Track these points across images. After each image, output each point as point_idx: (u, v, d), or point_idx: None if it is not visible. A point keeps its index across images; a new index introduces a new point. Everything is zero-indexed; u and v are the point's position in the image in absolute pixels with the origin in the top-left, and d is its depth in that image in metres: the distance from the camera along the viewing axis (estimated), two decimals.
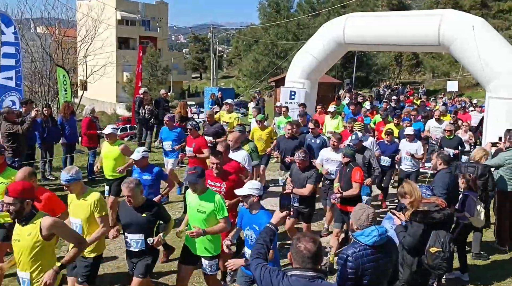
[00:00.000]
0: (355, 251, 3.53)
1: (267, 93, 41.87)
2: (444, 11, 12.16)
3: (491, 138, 9.94)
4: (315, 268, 2.93)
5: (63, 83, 12.63)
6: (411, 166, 8.74)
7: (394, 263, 3.81)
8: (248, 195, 4.39)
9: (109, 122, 39.74)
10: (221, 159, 5.61)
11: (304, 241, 2.96)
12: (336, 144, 7.33)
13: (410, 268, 4.48)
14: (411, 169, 8.74)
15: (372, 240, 3.53)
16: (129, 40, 57.35)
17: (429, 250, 4.33)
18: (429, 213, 4.36)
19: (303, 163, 6.29)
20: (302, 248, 2.94)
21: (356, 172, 6.24)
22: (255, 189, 4.42)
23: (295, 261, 2.98)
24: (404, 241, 4.42)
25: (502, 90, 10.37)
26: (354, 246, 3.61)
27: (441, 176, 5.83)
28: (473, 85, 33.60)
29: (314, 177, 6.28)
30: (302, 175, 6.31)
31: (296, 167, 6.42)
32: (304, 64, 13.91)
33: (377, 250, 3.55)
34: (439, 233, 4.35)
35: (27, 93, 23.26)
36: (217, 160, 5.52)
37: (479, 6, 44.18)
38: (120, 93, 51.90)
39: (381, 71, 47.47)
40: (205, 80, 68.56)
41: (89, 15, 23.90)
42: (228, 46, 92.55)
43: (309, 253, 2.92)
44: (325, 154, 7.55)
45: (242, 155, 6.92)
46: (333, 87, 21.73)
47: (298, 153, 6.34)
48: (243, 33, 58.40)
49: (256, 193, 4.40)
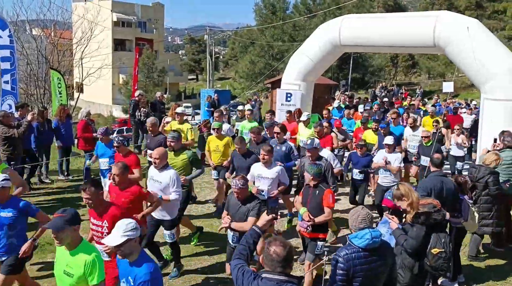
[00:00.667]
0: (347, 253, 3.60)
1: (264, 95, 41.90)
2: (439, 13, 12.21)
3: (486, 139, 9.98)
4: (285, 272, 2.96)
5: (58, 86, 12.57)
6: (389, 181, 7.66)
7: (390, 267, 3.80)
8: (126, 241, 3.36)
9: (105, 124, 39.74)
10: (96, 191, 4.31)
11: (274, 245, 2.99)
12: (266, 157, 6.28)
13: (411, 271, 4.46)
14: (389, 183, 7.58)
15: (364, 243, 3.57)
16: (125, 42, 57.31)
17: (431, 251, 4.33)
18: (431, 214, 4.37)
19: (242, 192, 5.07)
20: (271, 252, 2.97)
21: (328, 194, 5.38)
22: (131, 230, 3.39)
23: (265, 265, 3.02)
24: (406, 244, 4.39)
25: (497, 91, 10.40)
26: (347, 248, 3.67)
27: (428, 178, 5.84)
28: (469, 86, 33.74)
29: (257, 209, 5.03)
30: (242, 208, 5.11)
31: (234, 197, 5.24)
32: (300, 66, 13.93)
33: (370, 253, 3.59)
34: (439, 234, 4.36)
35: (23, 96, 23.20)
36: (88, 194, 4.28)
37: (474, 7, 44.47)
38: (116, 95, 51.84)
39: (377, 73, 47.67)
40: (202, 82, 68.54)
41: (85, 17, 23.83)
42: (225, 48, 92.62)
43: (278, 257, 2.94)
44: (255, 170, 6.46)
45: (169, 175, 5.68)
46: (329, 88, 21.75)
47: (235, 180, 5.11)
48: (239, 35, 58.45)
49: (133, 235, 3.39)
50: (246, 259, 3.31)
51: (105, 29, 29.25)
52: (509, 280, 6.14)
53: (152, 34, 60.30)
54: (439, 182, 5.62)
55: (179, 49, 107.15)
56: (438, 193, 5.49)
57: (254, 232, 3.53)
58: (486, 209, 6.19)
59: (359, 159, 8.02)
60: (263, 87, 42.25)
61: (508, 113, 10.26)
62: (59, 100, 12.56)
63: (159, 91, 21.62)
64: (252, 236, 3.49)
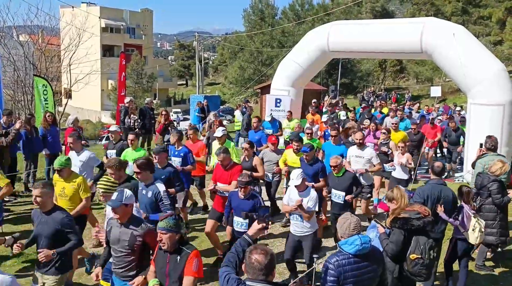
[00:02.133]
0: (337, 259, 3.62)
1: (253, 100, 41.98)
2: (426, 19, 12.38)
3: (473, 144, 10.08)
4: (267, 280, 2.96)
5: (43, 93, 12.38)
6: (301, 230, 5.76)
7: (382, 273, 3.82)
8: None
9: (94, 130, 39.46)
10: None
11: (256, 253, 2.99)
12: None
13: (392, 274, 4.51)
14: (301, 233, 5.77)
15: (354, 249, 3.60)
16: (113, 47, 57.03)
17: (409, 257, 4.36)
18: (409, 220, 4.40)
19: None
20: (253, 260, 2.97)
21: None
22: None
23: (247, 273, 3.02)
24: (386, 248, 4.46)
25: (483, 96, 10.54)
26: (337, 254, 3.70)
27: (427, 186, 5.83)
28: (456, 91, 34.12)
29: None
30: None
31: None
32: (289, 72, 14.00)
33: (360, 259, 3.61)
34: (419, 240, 4.36)
35: (10, 102, 22.94)
36: None
37: (460, 12, 45.06)
38: (105, 101, 51.53)
39: (365, 78, 47.97)
40: (191, 87, 68.45)
41: (73, 24, 23.67)
42: (214, 53, 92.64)
43: (260, 265, 2.94)
44: None
45: None
46: (318, 94, 21.88)
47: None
48: (228, 41, 58.54)
49: None
50: (234, 266, 3.31)
51: (93, 35, 29.10)
52: None
53: (141, 40, 60.14)
54: (437, 191, 5.61)
55: (168, 54, 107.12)
56: (434, 201, 5.50)
57: (244, 240, 3.53)
58: (490, 217, 6.03)
59: None
60: (252, 92, 42.35)
61: (495, 118, 10.42)
62: (44, 107, 12.37)
63: (149, 98, 21.55)
64: (242, 244, 3.49)
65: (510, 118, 10.50)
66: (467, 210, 5.59)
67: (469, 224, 5.52)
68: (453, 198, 5.67)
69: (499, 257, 6.95)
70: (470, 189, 5.84)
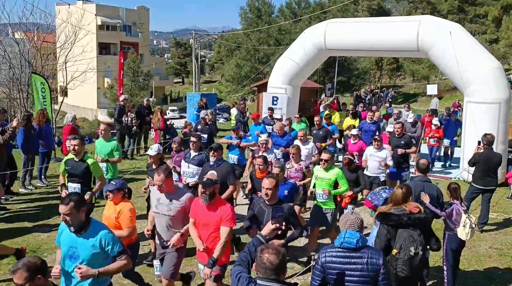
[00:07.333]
0: (326, 249, 3.74)
1: (250, 98, 41.94)
2: (422, 17, 12.40)
3: (470, 142, 10.13)
4: (278, 279, 2.96)
5: (41, 91, 12.34)
6: None
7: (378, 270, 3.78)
8: None
9: (90, 128, 39.31)
10: None
11: (267, 253, 2.98)
12: None
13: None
14: None
15: (339, 241, 3.68)
16: (110, 45, 56.84)
17: (392, 252, 4.40)
18: (390, 215, 4.46)
19: None
20: (265, 259, 2.96)
21: None
22: None
23: (259, 272, 3.01)
24: (374, 242, 4.60)
25: (479, 94, 10.59)
26: (328, 246, 3.81)
27: (411, 182, 5.92)
28: (452, 89, 34.18)
29: None
30: None
31: None
32: (286, 70, 14.00)
33: (348, 251, 3.65)
34: (400, 235, 4.38)
35: (5, 100, 22.86)
36: None
37: (456, 11, 45.23)
38: (102, 99, 51.35)
39: (362, 76, 48.01)
40: (188, 85, 68.37)
41: (69, 21, 23.53)
42: (210, 51, 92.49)
43: (271, 265, 2.93)
44: None
45: None
46: (315, 92, 21.89)
47: None
48: (225, 39, 58.46)
49: None
50: (246, 265, 3.33)
51: (89, 33, 28.98)
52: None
53: (137, 37, 59.90)
54: (421, 187, 5.69)
55: (164, 52, 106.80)
56: (417, 198, 5.53)
57: (257, 240, 3.55)
58: None
59: None
60: (249, 90, 42.32)
61: (491, 115, 10.46)
62: (42, 104, 12.34)
63: (146, 97, 21.51)
64: (255, 244, 3.50)
65: (505, 116, 10.55)
66: (458, 207, 5.63)
67: (459, 220, 5.56)
68: (437, 195, 5.71)
69: None
70: (458, 186, 5.83)
